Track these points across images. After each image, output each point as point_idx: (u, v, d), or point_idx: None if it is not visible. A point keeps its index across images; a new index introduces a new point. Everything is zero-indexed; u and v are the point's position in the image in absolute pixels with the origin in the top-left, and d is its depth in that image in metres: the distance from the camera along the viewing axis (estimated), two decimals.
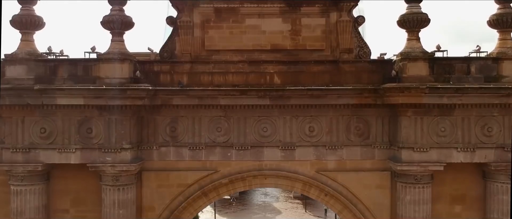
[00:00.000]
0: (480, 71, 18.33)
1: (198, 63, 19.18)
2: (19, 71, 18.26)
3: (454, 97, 17.65)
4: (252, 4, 19.33)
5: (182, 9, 19.34)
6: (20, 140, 18.34)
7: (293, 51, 19.35)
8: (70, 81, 18.28)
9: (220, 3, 19.31)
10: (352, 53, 19.25)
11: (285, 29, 19.37)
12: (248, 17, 19.39)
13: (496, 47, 18.86)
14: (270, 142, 19.18)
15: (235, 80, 19.02)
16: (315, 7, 19.40)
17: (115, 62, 18.22)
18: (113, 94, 17.63)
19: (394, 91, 17.68)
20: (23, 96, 17.72)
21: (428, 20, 18.45)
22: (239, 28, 19.37)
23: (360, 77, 18.90)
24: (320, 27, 19.35)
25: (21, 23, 18.56)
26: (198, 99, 18.60)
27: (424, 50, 18.42)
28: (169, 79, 19.08)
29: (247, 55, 19.24)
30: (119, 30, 18.67)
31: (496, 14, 18.57)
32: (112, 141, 18.22)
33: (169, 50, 19.36)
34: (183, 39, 19.23)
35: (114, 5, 18.62)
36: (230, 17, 19.41)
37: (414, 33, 18.64)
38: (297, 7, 19.39)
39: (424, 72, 18.10)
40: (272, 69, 19.13)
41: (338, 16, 19.24)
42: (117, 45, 18.60)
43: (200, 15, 19.36)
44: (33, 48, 18.88)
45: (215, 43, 19.36)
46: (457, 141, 18.28)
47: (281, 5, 19.36)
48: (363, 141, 19.12)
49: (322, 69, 19.08)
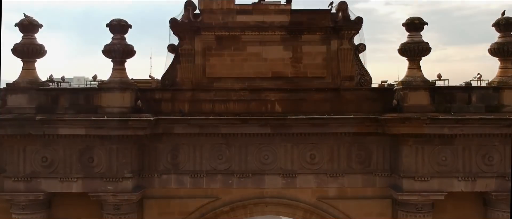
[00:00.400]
0: (481, 101, 18.38)
1: (200, 91, 19.22)
2: (20, 100, 18.31)
3: (455, 127, 17.69)
4: (253, 32, 19.38)
5: (183, 37, 19.38)
6: (22, 168, 18.38)
7: (294, 79, 19.40)
8: (71, 110, 18.33)
9: (222, 31, 19.38)
10: (353, 80, 19.29)
11: (286, 57, 19.41)
12: (250, 44, 19.44)
13: (497, 76, 18.91)
14: (271, 169, 19.21)
15: (237, 108, 19.05)
16: (316, 35, 19.46)
17: (116, 91, 18.28)
18: (115, 125, 17.69)
19: (395, 122, 17.72)
20: (25, 126, 17.76)
21: (429, 49, 18.51)
22: (240, 56, 19.42)
23: (361, 105, 18.92)
24: (321, 54, 19.39)
25: (22, 52, 18.62)
26: (200, 128, 18.63)
27: (425, 79, 18.47)
28: (171, 107, 19.12)
29: (248, 83, 19.27)
30: (120, 58, 18.71)
31: (497, 42, 18.63)
32: (114, 170, 18.26)
33: (170, 77, 19.39)
34: (185, 67, 19.27)
35: (115, 33, 18.66)
36: (232, 45, 19.46)
37: (415, 62, 18.68)
38: (298, 34, 19.45)
39: (425, 102, 18.14)
40: (273, 96, 19.17)
41: (339, 44, 19.28)
42: (118, 74, 18.64)
43: (202, 43, 19.41)
44: (34, 77, 18.92)
45: (217, 71, 19.40)
46: (458, 170, 18.30)
47: (282, 33, 19.41)
48: (364, 169, 19.13)
49: (323, 97, 19.11)
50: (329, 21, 19.34)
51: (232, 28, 19.36)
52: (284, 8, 19.57)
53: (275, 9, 19.60)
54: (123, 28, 18.71)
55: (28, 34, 18.75)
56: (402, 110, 18.11)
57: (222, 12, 19.42)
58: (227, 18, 19.43)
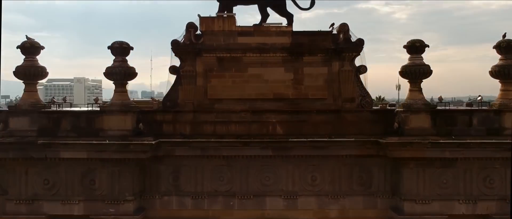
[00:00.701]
0: (482, 123, 18.41)
1: (201, 113, 19.25)
2: (22, 122, 18.35)
3: (456, 151, 17.72)
4: (255, 54, 19.43)
5: (185, 59, 19.43)
6: (24, 191, 18.42)
7: (296, 100, 19.43)
8: (73, 133, 18.38)
9: (223, 52, 19.42)
10: (355, 102, 19.32)
11: (288, 78, 19.45)
12: (251, 66, 19.48)
13: (498, 98, 18.95)
14: (273, 191, 19.22)
15: (238, 130, 19.08)
16: (317, 56, 19.50)
17: (117, 114, 18.34)
18: (116, 148, 17.75)
19: (396, 146, 17.76)
20: (27, 150, 17.81)
21: (430, 71, 18.56)
22: (242, 77, 19.46)
23: (363, 127, 18.94)
24: (323, 76, 19.42)
25: (24, 75, 18.69)
26: (201, 150, 18.66)
27: (426, 102, 18.52)
28: (172, 128, 19.16)
29: (249, 104, 19.29)
30: (122, 81, 18.76)
31: (498, 65, 18.67)
32: (115, 192, 18.31)
33: (172, 99, 19.43)
34: (186, 89, 19.31)
35: (117, 55, 18.71)
36: (233, 66, 19.50)
37: (416, 84, 18.72)
38: (300, 56, 19.49)
39: (426, 124, 18.18)
40: (274, 118, 19.19)
41: (340, 65, 19.32)
42: (120, 96, 18.70)
43: (203, 64, 19.45)
44: (36, 99, 19.00)
45: (218, 92, 19.44)
46: (459, 192, 18.33)
47: (283, 55, 19.46)
48: (366, 191, 19.16)
49: (324, 119, 19.14)
50: (330, 43, 19.38)
51: (234, 50, 19.41)
52: (286, 30, 19.63)
53: (276, 31, 19.66)
54: (125, 50, 18.77)
55: (30, 56, 18.82)
56: (403, 132, 18.15)
57: (223, 34, 19.47)
58: (229, 40, 19.48)
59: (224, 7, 20.04)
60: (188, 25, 19.42)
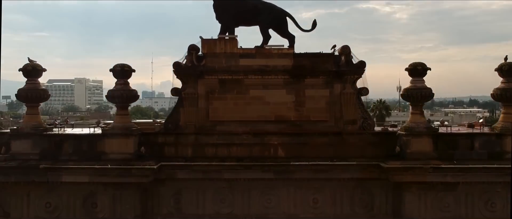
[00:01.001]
0: (484, 147, 18.42)
1: (203, 135, 19.27)
2: (24, 146, 18.39)
3: (458, 176, 17.73)
4: (256, 76, 19.43)
5: (186, 81, 19.45)
6: (26, 214, 18.48)
7: (297, 122, 19.44)
8: (75, 156, 18.43)
9: (225, 74, 19.43)
10: (356, 124, 19.32)
11: (289, 101, 19.46)
12: (253, 88, 19.49)
13: (500, 121, 18.96)
14: (274, 213, 19.23)
15: (240, 152, 19.10)
16: (319, 79, 19.51)
17: (119, 137, 18.37)
18: (118, 173, 17.78)
19: (398, 171, 17.78)
20: (29, 174, 17.86)
21: (432, 95, 18.62)
22: (244, 99, 19.47)
23: (365, 150, 18.96)
24: (324, 98, 19.43)
25: (26, 98, 18.73)
26: (203, 173, 18.68)
27: (428, 126, 18.53)
28: (174, 151, 19.19)
29: (251, 126, 19.30)
30: (124, 104, 18.80)
31: (500, 88, 18.68)
32: (117, 215, 18.34)
33: (173, 121, 19.45)
34: (188, 111, 19.33)
35: (119, 78, 18.74)
36: (235, 88, 19.51)
37: (418, 108, 18.75)
38: (301, 78, 19.50)
39: (428, 148, 18.20)
40: (276, 140, 19.21)
41: (342, 87, 19.33)
42: (121, 119, 18.73)
43: (205, 86, 19.46)
44: (38, 122, 19.01)
45: (220, 114, 19.44)
46: (460, 216, 18.33)
47: (285, 77, 19.47)
48: (367, 213, 19.16)
49: (326, 141, 19.15)
50: (332, 65, 19.39)
51: (235, 72, 19.42)
52: (287, 52, 19.64)
53: (278, 53, 19.67)
54: (126, 73, 18.81)
55: (32, 79, 18.87)
56: (405, 156, 18.17)
57: (225, 56, 19.48)
58: (230, 62, 19.49)
59: (226, 28, 20.07)
60: (190, 48, 19.44)
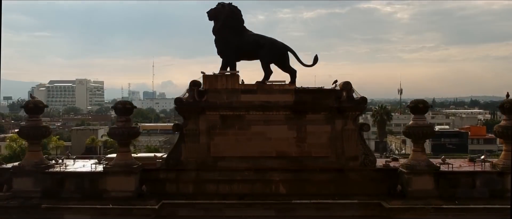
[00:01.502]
0: (485, 185, 18.42)
1: (204, 171, 19.27)
2: (26, 183, 18.40)
3: (459, 215, 17.73)
4: (258, 112, 19.42)
5: (188, 117, 19.45)
6: None
7: (299, 158, 19.43)
8: (77, 193, 18.45)
9: (226, 111, 19.42)
10: (358, 160, 19.31)
11: (291, 136, 19.45)
12: (254, 124, 19.48)
13: (501, 159, 18.95)
14: None
15: (241, 188, 19.10)
16: (320, 115, 19.49)
17: (121, 175, 18.38)
18: (119, 212, 17.77)
19: (399, 211, 17.78)
20: (31, 213, 17.87)
21: (433, 133, 18.57)
22: (245, 135, 19.46)
23: (366, 187, 18.95)
24: (326, 134, 19.42)
25: (28, 135, 18.74)
26: (204, 211, 18.70)
27: (429, 164, 18.50)
28: (175, 187, 19.20)
29: (252, 162, 19.30)
30: (125, 141, 18.80)
31: (501, 126, 18.68)
32: None
33: (175, 157, 19.45)
34: (189, 147, 19.33)
35: (120, 115, 18.75)
36: (236, 124, 19.51)
37: (419, 145, 18.76)
38: (303, 114, 19.49)
39: (429, 186, 18.20)
40: (277, 177, 19.22)
41: (343, 123, 19.31)
42: (123, 156, 18.72)
43: (206, 122, 19.45)
44: (40, 159, 19.03)
45: (221, 150, 19.44)
46: None
47: (286, 113, 19.45)
48: None
49: (327, 177, 19.16)
50: (333, 101, 19.37)
51: (237, 108, 19.41)
52: (288, 88, 19.63)
53: (279, 89, 19.66)
54: (128, 111, 18.81)
55: (34, 116, 18.87)
56: (406, 194, 18.16)
57: (226, 92, 19.47)
58: (232, 98, 19.48)
59: (227, 64, 20.07)
60: (191, 84, 19.45)
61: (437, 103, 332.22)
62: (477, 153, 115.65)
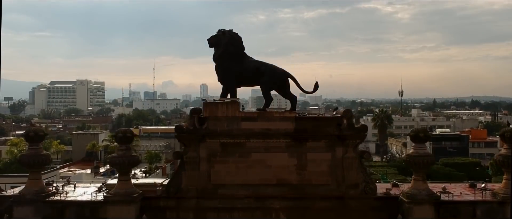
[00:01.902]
0: (486, 214, 18.39)
1: (204, 199, 19.27)
2: (26, 212, 18.42)
3: None
4: (258, 140, 19.41)
5: (188, 144, 19.44)
6: None
7: (299, 186, 19.42)
8: None
9: (227, 138, 19.41)
10: (358, 188, 19.30)
11: (291, 164, 19.44)
12: (254, 151, 19.47)
13: (502, 187, 18.90)
14: None
15: (241, 216, 19.11)
16: (321, 142, 19.48)
17: (121, 204, 18.35)
18: None
19: None
20: None
21: (434, 162, 18.53)
22: (245, 163, 19.45)
23: (366, 215, 18.96)
24: (326, 162, 19.41)
25: (29, 164, 18.73)
26: None
27: (430, 193, 18.47)
28: (175, 215, 19.22)
29: (253, 190, 19.30)
30: (126, 169, 18.80)
31: (502, 154, 18.64)
32: None
33: (175, 185, 19.44)
34: (190, 174, 19.33)
35: (121, 144, 18.75)
36: (236, 152, 19.50)
37: (420, 174, 18.71)
38: (303, 141, 19.47)
39: (430, 216, 18.17)
40: (278, 204, 19.23)
41: (344, 151, 19.30)
42: (123, 185, 18.71)
43: (207, 149, 19.44)
44: (40, 187, 19.03)
45: (221, 178, 19.44)
46: None
47: (287, 140, 19.44)
48: None
49: (328, 205, 19.16)
50: (334, 129, 19.34)
51: (237, 135, 19.40)
52: (289, 116, 19.61)
53: (280, 117, 19.65)
54: (128, 139, 18.80)
55: (34, 144, 18.88)
56: None
57: (227, 119, 19.45)
58: (232, 125, 19.46)
59: (228, 90, 20.07)
60: (192, 111, 19.48)
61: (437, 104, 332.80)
62: (478, 157, 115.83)
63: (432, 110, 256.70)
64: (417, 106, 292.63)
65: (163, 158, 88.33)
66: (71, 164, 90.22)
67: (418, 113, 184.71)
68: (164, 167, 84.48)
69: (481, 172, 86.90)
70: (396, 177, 78.16)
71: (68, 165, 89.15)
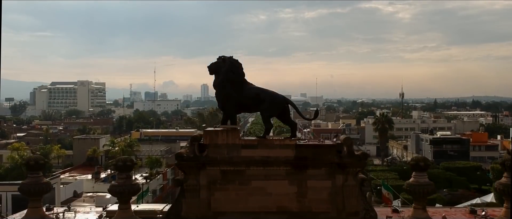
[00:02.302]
0: None
1: None
2: None
3: None
4: (258, 167, 19.39)
5: (188, 172, 19.44)
6: None
7: (299, 213, 19.40)
8: None
9: (227, 166, 19.40)
10: (358, 216, 19.28)
11: (291, 191, 19.42)
12: (254, 179, 19.46)
13: (502, 216, 18.90)
14: None
15: None
16: (321, 170, 19.46)
17: None
18: None
19: None
20: None
21: (435, 191, 18.51)
22: (245, 190, 19.44)
23: None
24: (326, 189, 19.39)
25: (29, 193, 18.72)
26: None
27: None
28: None
29: (253, 217, 19.28)
30: (126, 198, 18.81)
31: (502, 183, 18.60)
32: None
33: (175, 212, 19.45)
34: (189, 202, 19.32)
35: (121, 172, 18.75)
36: (236, 179, 19.49)
37: (420, 203, 18.71)
38: (304, 169, 19.45)
39: None
40: None
41: (344, 179, 19.28)
42: (124, 214, 18.74)
43: (207, 177, 19.44)
44: (41, 215, 19.02)
45: (221, 206, 19.43)
46: None
47: (287, 168, 19.42)
48: None
49: None
50: (334, 157, 19.33)
51: (237, 163, 19.39)
52: (289, 143, 19.60)
53: (280, 144, 19.64)
54: (128, 168, 18.79)
55: (34, 172, 18.86)
56: None
57: (227, 147, 19.44)
58: (232, 153, 19.45)
59: (228, 117, 20.07)
60: (192, 139, 19.47)
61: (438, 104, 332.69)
62: (478, 160, 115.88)
63: (433, 110, 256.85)
64: (418, 107, 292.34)
65: (163, 162, 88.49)
66: (72, 169, 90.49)
67: (419, 115, 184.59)
68: (164, 172, 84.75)
69: (482, 176, 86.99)
70: (396, 182, 78.30)
71: (69, 170, 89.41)
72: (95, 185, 72.20)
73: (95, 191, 69.97)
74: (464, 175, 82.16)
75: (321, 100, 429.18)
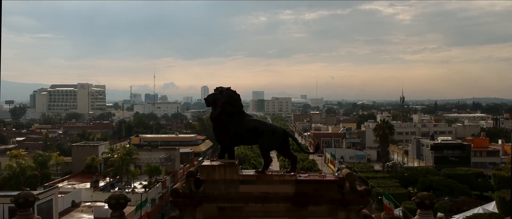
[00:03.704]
0: None
1: None
2: None
3: None
4: (257, 204, 18.69)
5: (184, 209, 18.73)
6: None
7: None
8: None
9: (224, 202, 18.68)
10: None
11: None
12: (253, 216, 18.73)
13: None
14: None
15: None
16: (322, 206, 18.75)
17: None
18: None
19: None
20: None
21: None
22: None
23: None
24: None
25: None
26: None
27: None
28: None
29: None
30: None
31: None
32: None
33: None
34: None
35: (114, 210, 18.09)
36: (234, 216, 18.76)
37: None
38: (304, 206, 18.74)
39: None
40: None
41: (346, 216, 18.58)
42: None
43: (203, 214, 18.73)
44: None
45: None
46: None
47: (287, 204, 18.71)
48: None
49: None
50: (336, 193, 18.62)
51: (235, 199, 18.69)
52: (289, 179, 18.88)
53: (279, 180, 18.93)
54: (121, 206, 18.12)
55: (24, 210, 18.18)
56: None
57: (224, 182, 18.74)
58: (230, 189, 18.74)
59: (225, 151, 19.37)
60: (188, 174, 18.78)
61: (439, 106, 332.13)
62: (479, 165, 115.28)
63: (433, 112, 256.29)
64: (419, 109, 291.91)
65: (163, 170, 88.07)
66: (71, 176, 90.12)
67: (419, 118, 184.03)
68: (164, 180, 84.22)
69: (483, 183, 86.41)
70: (397, 190, 77.67)
71: (67, 178, 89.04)
72: (93, 194, 71.63)
73: (94, 199, 69.45)
74: (466, 182, 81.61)
75: (321, 102, 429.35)
